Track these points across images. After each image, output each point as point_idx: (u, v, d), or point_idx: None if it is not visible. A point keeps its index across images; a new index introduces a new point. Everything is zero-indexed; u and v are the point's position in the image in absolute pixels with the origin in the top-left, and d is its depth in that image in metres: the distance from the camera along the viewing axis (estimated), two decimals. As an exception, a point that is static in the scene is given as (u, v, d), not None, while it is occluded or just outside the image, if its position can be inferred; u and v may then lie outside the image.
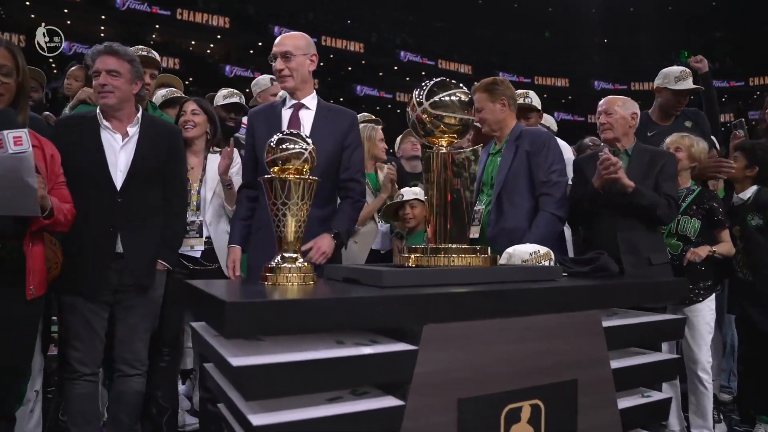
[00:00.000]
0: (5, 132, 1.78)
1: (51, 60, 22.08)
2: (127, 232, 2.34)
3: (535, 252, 1.96)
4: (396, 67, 31.11)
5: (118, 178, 2.34)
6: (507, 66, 32.72)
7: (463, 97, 1.74)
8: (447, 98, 1.73)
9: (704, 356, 2.87)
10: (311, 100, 2.54)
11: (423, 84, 1.76)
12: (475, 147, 1.79)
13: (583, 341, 1.53)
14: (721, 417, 3.28)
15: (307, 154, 1.56)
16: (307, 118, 2.51)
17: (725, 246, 2.97)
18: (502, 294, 1.38)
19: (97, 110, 2.41)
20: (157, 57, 3.39)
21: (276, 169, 1.56)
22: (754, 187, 3.18)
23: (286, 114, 2.52)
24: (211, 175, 2.97)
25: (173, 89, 3.56)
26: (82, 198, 2.24)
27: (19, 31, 20.27)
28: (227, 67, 26.15)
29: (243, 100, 4.02)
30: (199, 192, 2.95)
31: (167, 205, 2.51)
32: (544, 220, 2.56)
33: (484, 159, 2.83)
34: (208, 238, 2.92)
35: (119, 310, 2.38)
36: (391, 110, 28.39)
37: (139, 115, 2.44)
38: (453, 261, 1.58)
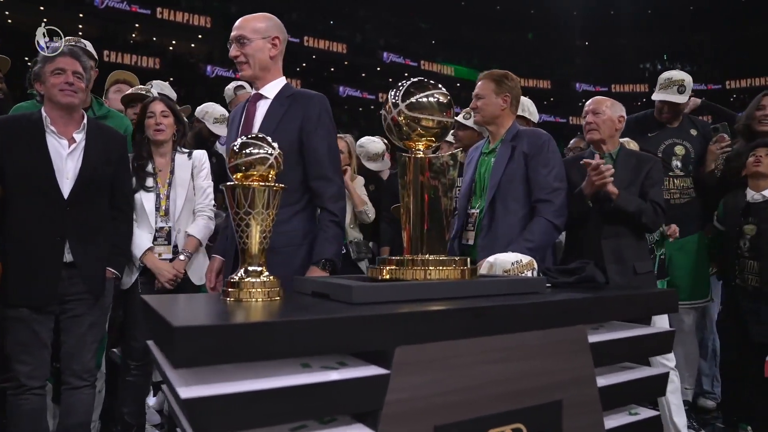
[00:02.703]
0: None
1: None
2: (76, 241, 2.22)
3: (517, 261, 1.87)
4: (379, 68, 31.02)
5: (66, 186, 2.22)
6: (489, 67, 32.81)
7: (442, 99, 1.64)
8: (425, 99, 1.62)
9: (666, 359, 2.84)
10: (271, 89, 2.28)
11: (399, 84, 1.66)
12: (454, 152, 1.70)
13: (568, 359, 1.43)
14: (698, 426, 3.23)
15: (272, 159, 1.45)
16: (261, 109, 2.26)
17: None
18: (482, 311, 1.28)
19: (42, 111, 2.27)
20: (94, 51, 3.22)
21: (239, 175, 1.45)
22: None
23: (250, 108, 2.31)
24: (181, 179, 2.83)
25: (141, 86, 3.42)
26: (28, 206, 2.13)
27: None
28: (208, 68, 25.77)
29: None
30: (168, 196, 2.80)
31: (116, 212, 2.41)
32: (540, 228, 2.39)
33: (475, 158, 2.68)
34: (176, 246, 2.78)
35: (66, 321, 2.27)
36: (374, 111, 28.27)
37: (85, 120, 2.32)
38: (430, 274, 1.48)
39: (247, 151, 1.44)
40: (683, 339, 3.33)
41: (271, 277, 1.46)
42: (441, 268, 1.50)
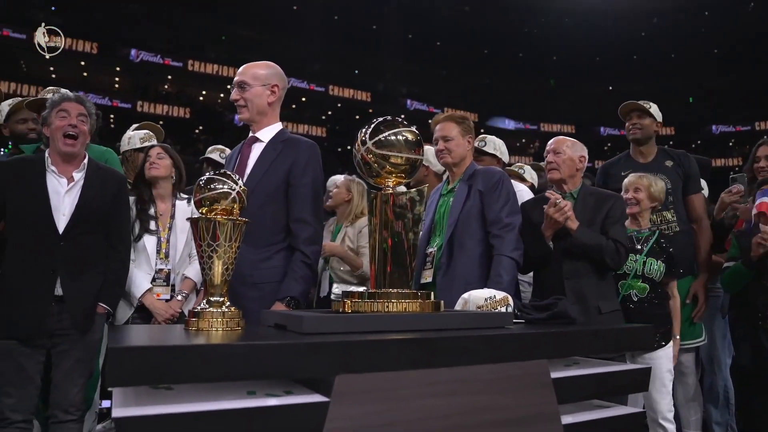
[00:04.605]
0: None
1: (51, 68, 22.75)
2: (67, 275, 2.30)
3: (490, 297, 1.86)
4: (402, 116, 31.40)
5: (61, 221, 2.31)
6: (512, 113, 33.15)
7: (410, 137, 1.69)
8: (393, 137, 1.67)
9: (665, 405, 2.74)
10: (267, 133, 2.38)
11: (370, 123, 1.71)
12: (421, 187, 1.73)
13: (527, 394, 1.41)
14: None
15: (234, 194, 1.51)
16: (255, 152, 2.36)
17: (674, 301, 2.91)
18: (429, 342, 1.28)
19: (47, 153, 2.40)
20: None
21: (204, 209, 1.51)
22: None
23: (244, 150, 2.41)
24: (181, 223, 2.92)
25: (150, 132, 3.55)
26: (24, 240, 2.25)
27: (37, 83, 20.93)
28: (236, 117, 26.57)
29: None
30: (168, 240, 2.89)
31: (112, 250, 2.48)
32: (505, 267, 2.38)
33: (435, 199, 2.73)
34: (173, 287, 2.85)
35: (55, 355, 2.32)
36: (398, 157, 28.53)
37: (86, 161, 2.44)
38: (388, 307, 1.49)
39: (212, 186, 1.50)
40: (683, 380, 3.22)
41: (233, 308, 1.49)
42: (401, 301, 1.51)
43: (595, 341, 1.60)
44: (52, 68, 25.34)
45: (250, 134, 2.42)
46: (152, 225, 2.86)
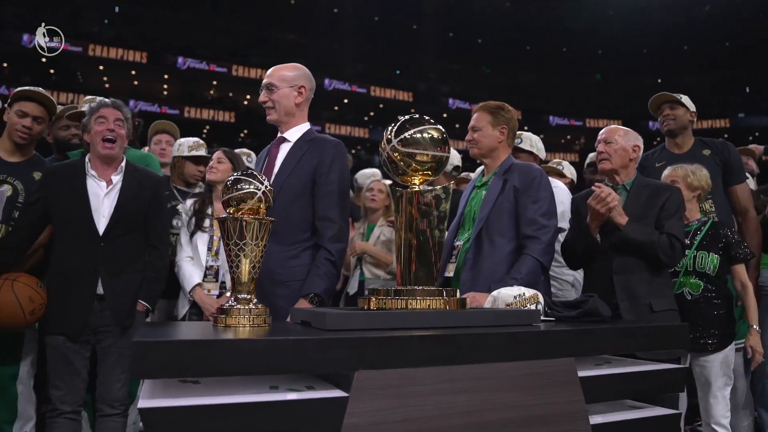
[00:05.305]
0: None
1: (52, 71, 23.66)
2: (107, 275, 2.41)
3: (520, 295, 1.83)
4: (445, 115, 31.42)
5: (101, 223, 2.42)
6: (557, 109, 32.48)
7: (435, 134, 1.68)
8: (418, 135, 1.67)
9: (719, 410, 2.59)
10: (294, 133, 2.41)
11: (395, 121, 1.72)
12: (446, 185, 1.72)
13: (552, 393, 1.39)
14: None
15: (260, 193, 1.54)
16: (282, 152, 2.40)
17: (745, 289, 2.72)
18: (449, 339, 1.28)
19: (87, 158, 2.52)
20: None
21: (231, 209, 1.55)
22: None
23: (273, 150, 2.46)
24: None
25: (199, 141, 3.62)
26: (67, 243, 2.39)
27: (92, 93, 21.90)
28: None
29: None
30: (219, 238, 3.01)
31: (151, 249, 2.59)
32: (527, 266, 2.29)
33: (468, 191, 2.65)
34: (223, 282, 2.96)
35: (100, 351, 2.43)
36: (440, 156, 28.43)
37: (123, 164, 2.54)
38: (411, 304, 1.50)
39: (238, 186, 1.54)
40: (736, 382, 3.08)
41: (260, 306, 1.52)
42: (425, 298, 1.51)
43: (624, 339, 1.56)
44: (105, 78, 26.49)
45: (278, 135, 2.47)
46: (206, 223, 3.00)
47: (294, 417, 1.12)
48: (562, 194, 3.13)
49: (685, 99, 3.39)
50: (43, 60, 24.42)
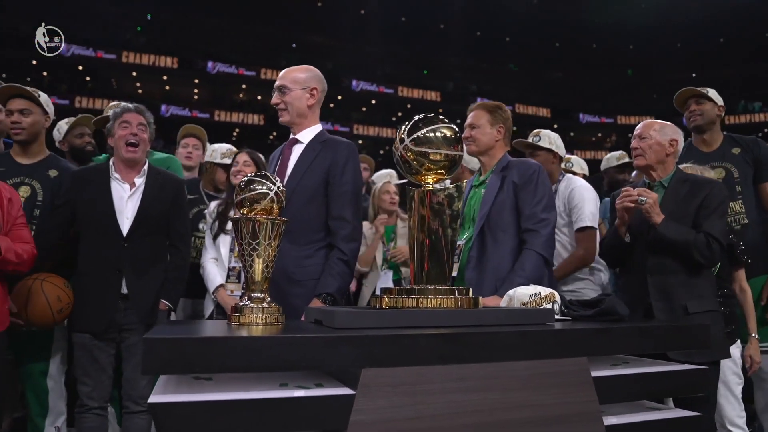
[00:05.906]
0: None
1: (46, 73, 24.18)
2: (131, 274, 2.48)
3: (535, 294, 1.82)
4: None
5: (125, 225, 2.50)
6: (587, 107, 31.93)
7: (448, 133, 1.68)
8: (431, 134, 1.67)
9: (732, 411, 2.52)
10: (307, 134, 2.44)
11: (409, 120, 1.72)
12: (459, 183, 1.72)
13: (565, 392, 1.37)
14: None
15: (272, 194, 1.56)
16: (295, 153, 2.43)
17: (744, 294, 2.68)
18: (457, 337, 1.28)
19: (111, 161, 2.60)
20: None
21: (245, 210, 1.58)
22: None
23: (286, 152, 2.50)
24: None
25: (232, 148, 3.69)
26: (92, 244, 2.48)
27: (127, 98, 22.50)
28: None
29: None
30: None
31: (173, 250, 2.66)
32: (531, 261, 2.29)
33: (466, 191, 2.64)
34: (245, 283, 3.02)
35: (125, 349, 2.51)
36: (470, 156, 28.30)
37: (146, 167, 2.62)
38: (422, 302, 1.50)
39: (251, 187, 1.57)
40: (762, 386, 2.96)
41: (273, 305, 1.55)
42: (436, 297, 1.51)
43: (640, 339, 1.53)
44: (138, 84, 27.15)
45: (291, 136, 2.50)
46: (229, 225, 3.05)
47: (302, 413, 1.14)
48: (584, 192, 3.07)
49: (712, 93, 3.27)
50: (80, 68, 25.28)
